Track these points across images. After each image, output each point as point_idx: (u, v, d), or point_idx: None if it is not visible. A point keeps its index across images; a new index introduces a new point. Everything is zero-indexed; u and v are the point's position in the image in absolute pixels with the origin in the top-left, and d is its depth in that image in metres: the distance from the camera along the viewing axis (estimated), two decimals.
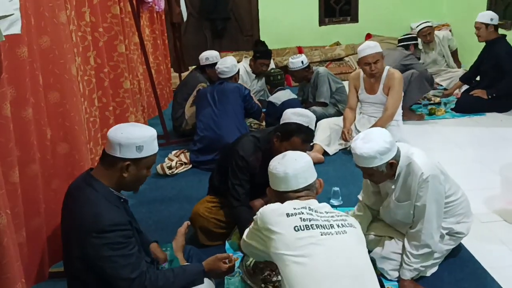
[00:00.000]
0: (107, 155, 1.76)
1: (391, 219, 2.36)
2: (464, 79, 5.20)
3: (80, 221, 1.67)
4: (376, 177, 2.17)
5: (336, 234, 1.60)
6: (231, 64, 4.03)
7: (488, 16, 4.70)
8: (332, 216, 1.67)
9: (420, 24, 5.79)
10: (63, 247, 1.81)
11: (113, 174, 1.76)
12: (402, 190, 2.20)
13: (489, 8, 6.04)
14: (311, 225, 1.60)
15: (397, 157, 2.13)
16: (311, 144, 3.84)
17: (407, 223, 2.27)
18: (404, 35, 5.52)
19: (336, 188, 3.14)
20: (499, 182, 2.91)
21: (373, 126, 3.74)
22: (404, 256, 2.23)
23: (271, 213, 1.65)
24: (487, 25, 4.67)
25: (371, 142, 2.06)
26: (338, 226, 1.63)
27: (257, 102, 4.25)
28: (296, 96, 4.62)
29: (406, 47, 5.24)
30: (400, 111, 4.06)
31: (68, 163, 2.21)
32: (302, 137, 2.42)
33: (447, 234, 2.32)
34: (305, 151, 2.50)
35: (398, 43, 5.43)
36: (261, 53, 4.95)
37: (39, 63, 1.98)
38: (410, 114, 4.66)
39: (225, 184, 2.61)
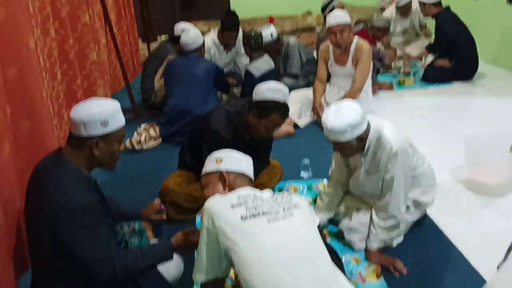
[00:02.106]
0: (73, 136, 1.71)
1: (359, 191, 2.39)
2: (429, 49, 5.24)
3: (49, 202, 1.61)
4: (347, 150, 2.18)
5: (283, 218, 1.60)
6: (195, 35, 3.92)
7: None
8: (277, 200, 1.67)
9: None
10: (28, 231, 1.76)
11: (83, 154, 1.71)
12: (372, 163, 2.22)
13: None
14: (257, 212, 1.59)
15: (367, 131, 2.14)
16: None
17: (375, 194, 2.30)
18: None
19: (306, 161, 3.16)
20: (463, 153, 2.98)
21: (341, 99, 3.74)
22: (372, 228, 2.28)
23: (215, 207, 1.63)
24: (424, 4, 4.83)
25: (342, 115, 2.05)
26: (283, 210, 1.63)
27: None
28: (273, 65, 4.55)
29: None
30: (369, 82, 4.09)
31: (32, 142, 2.14)
32: (280, 114, 2.44)
33: (413, 204, 2.37)
34: (280, 127, 2.58)
35: (321, 11, 5.16)
36: (228, 24, 4.70)
37: None
38: (379, 84, 4.70)
39: (196, 158, 2.59)
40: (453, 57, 4.83)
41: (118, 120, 1.74)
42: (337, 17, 3.73)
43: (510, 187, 2.84)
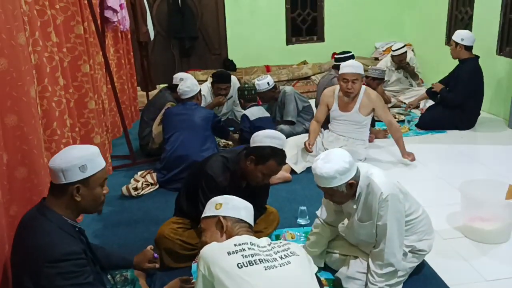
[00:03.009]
0: (54, 185, 1.73)
1: (355, 239, 2.38)
2: (429, 93, 5.24)
3: (33, 251, 1.62)
4: (337, 197, 2.21)
5: (280, 266, 1.59)
6: (192, 83, 4.01)
7: (460, 36, 4.75)
8: (274, 248, 1.66)
9: (398, 49, 5.76)
10: (14, 280, 1.74)
11: (65, 201, 1.73)
12: (364, 210, 2.23)
13: (448, 29, 6.29)
14: (254, 260, 1.58)
15: (356, 177, 2.17)
16: None
17: (371, 242, 2.29)
18: (340, 53, 5.08)
19: (303, 207, 3.15)
20: (460, 199, 2.98)
21: (399, 146, 4.04)
22: (369, 276, 2.25)
23: (211, 255, 1.62)
24: (456, 43, 4.76)
25: (331, 162, 2.10)
26: (281, 257, 1.62)
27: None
28: (268, 114, 4.63)
29: (337, 68, 4.86)
30: (367, 130, 4.17)
31: (26, 188, 2.14)
32: (277, 160, 2.46)
33: (409, 252, 2.35)
34: (277, 173, 2.59)
35: (336, 61, 5.06)
36: (217, 77, 4.74)
37: None
38: (376, 132, 4.75)
39: (192, 204, 2.58)
40: (458, 104, 4.81)
41: (97, 163, 1.77)
42: (353, 66, 3.88)
43: (507, 234, 2.83)
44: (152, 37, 5.95)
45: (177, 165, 3.73)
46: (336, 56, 5.06)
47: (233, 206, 1.87)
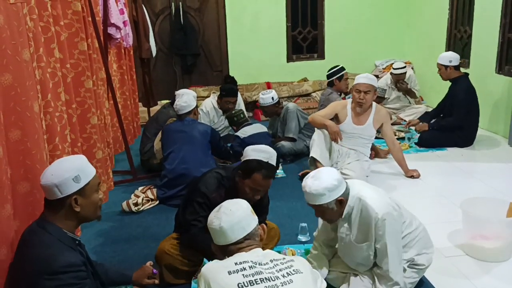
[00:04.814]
0: (50, 201, 1.74)
1: (352, 263, 2.38)
2: (428, 118, 5.28)
3: (32, 264, 1.62)
4: (328, 215, 2.24)
5: (282, 285, 1.57)
6: (188, 98, 4.02)
7: (447, 58, 4.88)
8: (277, 265, 1.64)
9: (399, 68, 5.86)
10: None
11: (64, 214, 1.74)
12: (359, 231, 2.25)
13: (447, 48, 6.35)
14: (255, 280, 1.56)
15: (345, 195, 2.21)
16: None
17: (367, 265, 2.31)
18: (329, 70, 5.13)
19: (304, 224, 3.15)
20: (461, 217, 2.97)
21: (402, 166, 4.15)
22: None
23: (212, 273, 1.60)
24: (446, 66, 4.88)
25: (320, 179, 2.16)
26: (283, 276, 1.60)
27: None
28: (264, 129, 4.66)
29: (331, 84, 5.08)
30: (369, 147, 4.21)
31: (29, 203, 2.14)
32: (263, 173, 2.39)
33: (408, 266, 2.34)
34: (268, 187, 2.52)
35: (327, 78, 5.16)
36: (226, 91, 4.88)
37: (0, 101, 1.94)
38: (376, 150, 4.75)
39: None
40: (455, 124, 4.87)
41: (88, 171, 1.79)
42: (367, 77, 3.97)
43: (509, 252, 2.82)
44: (154, 54, 6.02)
45: (178, 183, 3.72)
46: (327, 73, 5.14)
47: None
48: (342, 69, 5.07)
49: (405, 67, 5.89)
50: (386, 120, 4.06)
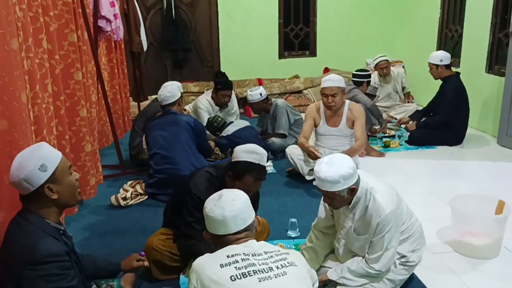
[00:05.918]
0: (25, 196, 1.71)
1: (347, 251, 2.37)
2: (419, 116, 5.29)
3: (14, 254, 1.59)
4: (337, 201, 2.20)
5: (276, 277, 1.55)
6: (172, 88, 3.94)
7: (438, 58, 4.90)
8: (271, 257, 1.62)
9: (377, 58, 5.99)
10: None
11: (43, 204, 1.71)
12: (362, 224, 2.24)
13: (438, 47, 6.38)
14: (247, 272, 1.54)
15: (357, 183, 2.18)
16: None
17: (361, 255, 2.31)
18: (358, 70, 5.31)
19: (294, 219, 3.14)
20: (450, 214, 2.99)
21: (344, 152, 3.84)
22: (351, 263, 2.28)
23: (203, 267, 1.58)
24: (437, 65, 4.90)
25: (335, 166, 2.10)
26: (277, 267, 1.58)
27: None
28: (247, 123, 4.66)
29: (359, 84, 5.17)
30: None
31: (15, 193, 2.10)
32: (254, 175, 2.38)
33: (400, 264, 2.35)
34: (259, 188, 2.50)
35: (352, 77, 5.31)
36: (222, 84, 4.87)
37: None
38: (369, 149, 4.75)
39: (179, 218, 2.54)
40: (445, 122, 4.90)
41: (53, 157, 1.73)
42: (331, 80, 3.89)
43: (497, 249, 2.84)
44: (145, 48, 5.97)
45: (167, 181, 3.66)
46: (356, 73, 5.27)
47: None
48: (370, 75, 5.30)
49: (383, 56, 5.98)
50: (358, 117, 3.96)
